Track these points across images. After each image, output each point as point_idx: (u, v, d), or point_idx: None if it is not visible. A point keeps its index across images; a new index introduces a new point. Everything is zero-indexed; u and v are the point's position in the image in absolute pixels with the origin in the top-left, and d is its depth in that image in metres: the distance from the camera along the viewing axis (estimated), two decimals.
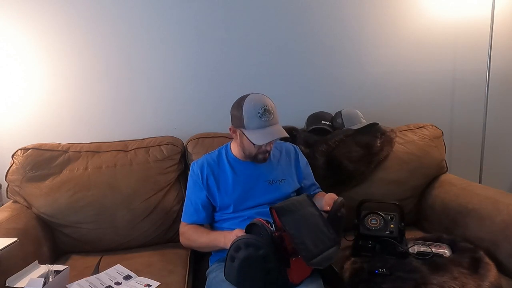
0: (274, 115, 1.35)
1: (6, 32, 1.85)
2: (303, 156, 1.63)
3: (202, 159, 1.53)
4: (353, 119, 1.90)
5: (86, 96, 1.96)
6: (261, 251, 1.11)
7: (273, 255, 1.12)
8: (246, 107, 1.35)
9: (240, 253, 1.13)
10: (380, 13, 2.11)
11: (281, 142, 1.61)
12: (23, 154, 1.68)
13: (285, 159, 1.56)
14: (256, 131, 1.34)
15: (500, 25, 2.14)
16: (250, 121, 1.34)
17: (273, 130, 1.34)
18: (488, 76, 2.15)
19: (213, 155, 1.54)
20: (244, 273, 1.14)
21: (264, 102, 1.35)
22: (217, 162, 1.51)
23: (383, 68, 2.17)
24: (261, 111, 1.33)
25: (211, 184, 1.48)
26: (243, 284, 1.17)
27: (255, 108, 1.33)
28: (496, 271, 1.30)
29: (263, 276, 1.14)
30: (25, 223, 1.56)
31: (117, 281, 1.40)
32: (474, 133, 2.24)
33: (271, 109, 1.35)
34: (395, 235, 1.46)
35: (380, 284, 1.27)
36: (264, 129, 1.33)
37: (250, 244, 1.12)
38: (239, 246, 1.13)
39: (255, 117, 1.33)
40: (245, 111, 1.34)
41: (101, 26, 1.91)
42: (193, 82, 2.02)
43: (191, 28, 1.98)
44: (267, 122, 1.33)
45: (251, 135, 1.34)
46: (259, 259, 1.12)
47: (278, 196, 1.46)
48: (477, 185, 1.81)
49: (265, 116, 1.33)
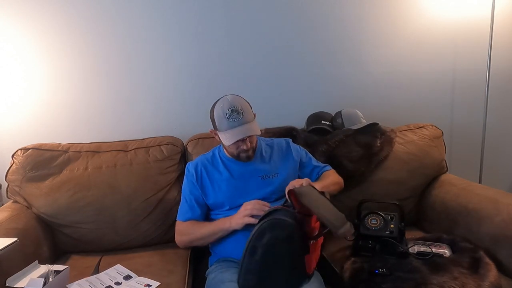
0: (244, 114, 1.38)
1: (6, 32, 1.85)
2: (297, 148, 1.64)
3: (196, 160, 1.59)
4: (353, 119, 1.90)
5: (86, 96, 1.96)
6: (287, 231, 1.13)
7: (297, 234, 1.14)
8: (216, 110, 1.42)
9: (265, 238, 1.14)
10: (380, 13, 2.11)
11: (272, 139, 1.65)
12: (23, 154, 1.68)
13: (277, 153, 1.58)
14: (226, 132, 1.38)
15: (500, 25, 2.15)
16: (220, 123, 1.40)
17: (241, 129, 1.37)
18: (488, 76, 2.15)
19: (207, 155, 1.59)
20: (268, 263, 1.15)
21: (233, 103, 1.39)
22: (211, 162, 1.56)
23: (383, 68, 2.17)
24: (228, 113, 1.37)
25: (205, 182, 1.52)
26: (264, 280, 1.17)
27: (222, 110, 1.38)
28: (496, 271, 1.30)
29: (289, 262, 1.15)
30: (25, 223, 1.56)
31: (117, 281, 1.40)
32: (474, 133, 2.24)
33: (239, 109, 1.37)
34: (395, 235, 1.46)
35: (380, 284, 1.27)
36: (233, 130, 1.37)
37: (275, 225, 1.15)
38: (263, 230, 1.15)
39: (223, 119, 1.38)
40: (215, 114, 1.42)
41: (101, 26, 1.91)
42: (193, 82, 2.02)
43: (191, 28, 1.98)
44: (235, 123, 1.37)
45: (222, 136, 1.40)
46: (286, 240, 1.13)
47: (271, 190, 1.49)
48: (477, 185, 1.81)
49: (232, 117, 1.36)
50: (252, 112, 1.45)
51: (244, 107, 1.40)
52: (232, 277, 1.30)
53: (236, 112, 1.37)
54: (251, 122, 1.40)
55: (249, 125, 1.39)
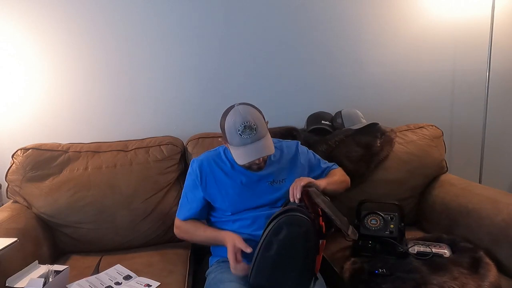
0: (257, 130, 1.28)
1: (6, 32, 1.85)
2: (305, 151, 1.58)
3: (201, 157, 1.50)
4: (353, 119, 1.90)
5: (86, 96, 1.96)
6: (304, 228, 1.12)
7: (313, 233, 1.14)
8: (228, 123, 1.31)
9: (282, 233, 1.13)
10: (380, 13, 2.11)
11: (281, 141, 1.58)
12: (23, 154, 1.68)
13: (285, 158, 1.52)
14: (239, 148, 1.30)
15: (500, 25, 2.15)
16: (232, 138, 1.30)
17: (256, 147, 1.28)
18: (488, 76, 2.15)
19: (212, 153, 1.51)
20: (282, 259, 1.14)
21: (245, 118, 1.28)
22: (217, 162, 1.47)
23: (383, 68, 2.17)
24: (241, 129, 1.27)
25: (210, 184, 1.45)
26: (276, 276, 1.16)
27: (235, 125, 1.28)
28: (496, 271, 1.30)
29: (302, 259, 1.14)
30: (25, 223, 1.56)
31: (117, 281, 1.40)
32: (474, 133, 2.24)
33: (252, 125, 1.27)
34: (395, 235, 1.46)
35: (380, 284, 1.27)
36: (245, 147, 1.28)
37: (293, 222, 1.13)
38: (280, 226, 1.14)
39: (235, 135, 1.28)
40: (226, 127, 1.31)
41: (101, 26, 1.91)
42: (193, 82, 2.02)
43: (191, 28, 1.98)
44: (248, 139, 1.27)
45: (235, 152, 1.32)
46: (302, 237, 1.12)
47: (279, 196, 1.44)
48: (477, 185, 1.81)
49: (245, 134, 1.27)
50: (265, 122, 1.35)
51: (257, 120, 1.30)
52: (231, 277, 1.29)
53: (249, 128, 1.27)
54: (264, 138, 1.31)
55: (263, 142, 1.30)
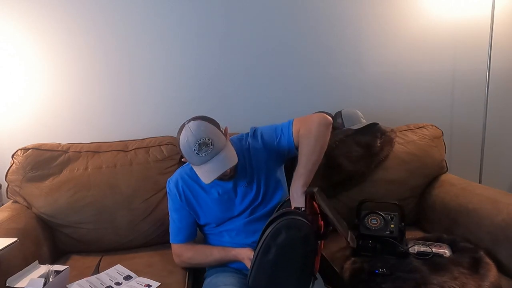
0: (213, 144, 1.23)
1: (6, 32, 1.85)
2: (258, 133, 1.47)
3: (175, 175, 1.48)
4: (353, 119, 1.90)
5: (86, 96, 1.96)
6: (303, 232, 1.10)
7: (312, 236, 1.12)
8: (182, 144, 1.26)
9: (280, 237, 1.10)
10: (380, 13, 2.11)
11: (241, 136, 1.48)
12: (23, 154, 1.68)
13: (251, 154, 1.44)
14: (201, 167, 1.26)
15: (500, 25, 2.14)
16: (190, 158, 1.27)
17: (217, 162, 1.23)
18: (488, 76, 2.15)
19: (186, 168, 1.47)
20: (281, 263, 1.12)
21: (198, 135, 1.23)
22: (191, 176, 1.43)
23: (383, 68, 2.16)
24: (196, 148, 1.22)
25: (190, 200, 1.43)
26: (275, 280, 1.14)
27: (189, 145, 1.24)
28: (496, 271, 1.30)
29: (301, 263, 1.12)
30: (25, 223, 1.56)
31: (117, 281, 1.40)
32: (474, 133, 2.24)
33: (207, 140, 1.23)
34: (395, 235, 1.46)
35: (380, 284, 1.27)
36: (207, 164, 1.24)
37: (291, 226, 1.11)
38: (279, 230, 1.11)
39: (193, 155, 1.24)
40: (182, 148, 1.27)
41: (101, 26, 1.91)
42: (193, 82, 2.02)
43: (191, 28, 1.98)
44: (208, 156, 1.23)
45: (198, 171, 1.28)
46: (301, 241, 1.10)
47: (255, 193, 1.41)
48: (477, 185, 1.81)
49: (202, 151, 1.22)
50: (221, 134, 1.28)
51: (211, 134, 1.24)
52: (226, 280, 1.31)
53: (204, 145, 1.22)
54: (224, 149, 1.26)
55: (223, 154, 1.25)
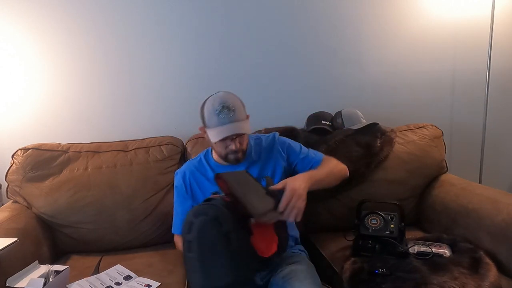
0: (235, 112, 1.31)
1: (6, 32, 1.85)
2: (283, 140, 1.54)
3: (183, 168, 1.52)
4: (353, 119, 1.90)
5: (86, 96, 1.96)
6: (211, 213, 1.08)
7: (225, 216, 1.08)
8: (207, 105, 1.35)
9: (193, 228, 1.08)
10: (380, 13, 2.11)
11: (260, 136, 1.54)
12: (23, 154, 1.68)
13: (265, 152, 1.49)
14: (215, 128, 1.32)
15: (500, 25, 2.14)
16: (209, 119, 1.33)
17: (230, 127, 1.30)
18: (488, 76, 2.15)
19: (194, 161, 1.52)
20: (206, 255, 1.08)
21: (224, 100, 1.32)
22: (198, 168, 1.48)
23: (383, 68, 2.17)
24: (219, 108, 1.30)
25: (195, 192, 1.45)
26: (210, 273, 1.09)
27: (213, 106, 1.32)
28: (496, 271, 1.30)
29: (226, 246, 1.07)
30: (25, 223, 1.56)
31: (117, 281, 1.40)
32: (474, 133, 2.24)
33: (231, 106, 1.31)
34: (395, 235, 1.46)
35: (380, 284, 1.27)
36: (222, 127, 1.30)
37: (198, 213, 1.10)
38: (189, 221, 1.10)
39: (213, 115, 1.31)
40: (205, 109, 1.35)
41: (101, 26, 1.91)
42: (193, 81, 2.02)
43: (190, 28, 1.98)
44: (225, 119, 1.30)
45: (210, 132, 1.34)
46: (213, 222, 1.07)
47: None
48: (477, 185, 1.81)
49: (223, 113, 1.30)
50: (245, 112, 1.38)
51: (236, 105, 1.33)
52: None
53: (227, 108, 1.30)
54: (242, 121, 1.33)
55: (239, 124, 1.32)
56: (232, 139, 1.34)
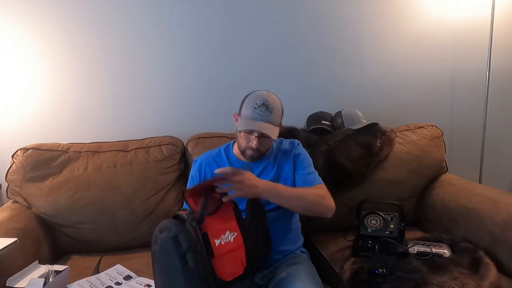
0: (271, 114, 1.32)
1: (6, 32, 1.85)
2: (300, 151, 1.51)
3: (201, 156, 1.53)
4: (353, 119, 1.90)
5: (86, 96, 1.96)
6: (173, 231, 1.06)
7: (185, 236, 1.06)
8: (250, 96, 1.37)
9: (158, 242, 1.09)
10: (380, 13, 2.10)
11: (282, 141, 1.53)
12: (23, 154, 1.68)
13: (282, 157, 1.48)
14: (246, 119, 1.33)
15: (500, 25, 2.14)
16: (246, 108, 1.35)
17: (261, 124, 1.31)
18: (488, 76, 2.15)
19: (212, 152, 1.53)
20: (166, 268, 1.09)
21: (267, 99, 1.34)
22: (216, 160, 1.49)
23: (383, 68, 2.16)
24: (259, 103, 1.32)
25: None
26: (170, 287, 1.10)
27: (255, 99, 1.34)
28: (496, 271, 1.30)
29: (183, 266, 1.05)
30: (25, 223, 1.56)
31: (117, 281, 1.40)
32: (474, 133, 2.24)
33: (269, 107, 1.32)
34: (395, 235, 1.46)
35: (380, 284, 1.27)
36: (252, 121, 1.32)
37: (163, 228, 1.09)
38: (155, 234, 1.10)
39: (251, 107, 1.33)
40: (247, 99, 1.37)
41: (101, 26, 1.91)
42: (193, 82, 2.02)
43: (191, 28, 1.98)
44: (259, 116, 1.31)
45: (241, 121, 1.35)
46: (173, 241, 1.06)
47: None
48: (477, 185, 1.81)
49: (260, 109, 1.31)
50: (280, 120, 1.39)
51: (275, 109, 1.34)
52: None
53: (265, 107, 1.32)
54: (273, 125, 1.33)
55: (269, 126, 1.32)
56: (256, 137, 1.34)
